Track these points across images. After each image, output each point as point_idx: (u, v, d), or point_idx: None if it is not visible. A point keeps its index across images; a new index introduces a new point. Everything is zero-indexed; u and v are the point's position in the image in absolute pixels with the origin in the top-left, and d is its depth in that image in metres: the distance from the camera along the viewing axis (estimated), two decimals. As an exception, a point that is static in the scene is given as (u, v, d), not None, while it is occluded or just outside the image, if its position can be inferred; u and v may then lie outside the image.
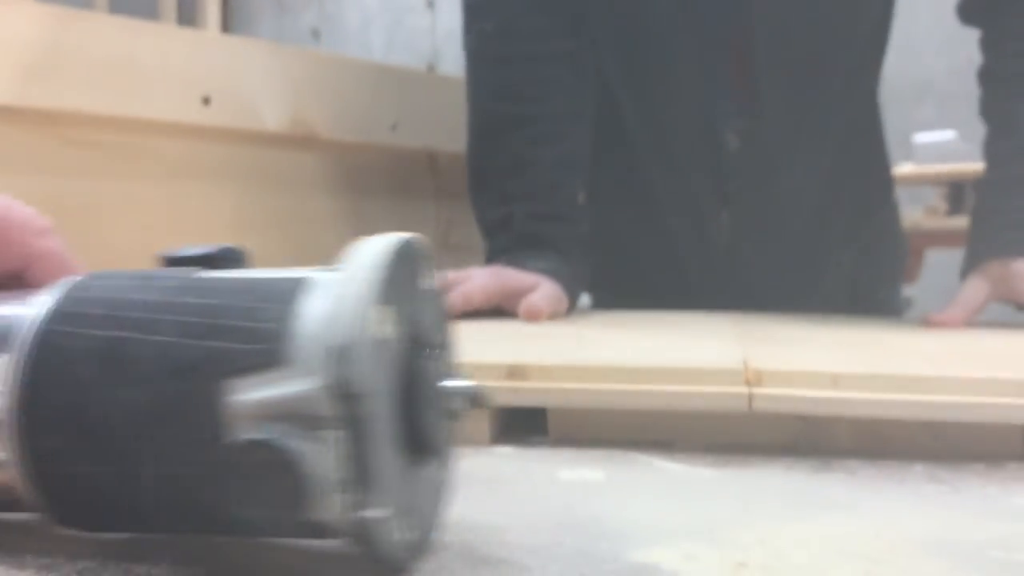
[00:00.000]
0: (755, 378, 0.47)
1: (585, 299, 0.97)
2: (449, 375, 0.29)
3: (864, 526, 0.34)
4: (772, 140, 0.92)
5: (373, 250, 0.27)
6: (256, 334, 0.26)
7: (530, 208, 0.88)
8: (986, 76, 0.84)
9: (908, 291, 1.98)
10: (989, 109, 0.83)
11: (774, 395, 0.46)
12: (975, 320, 0.78)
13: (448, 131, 1.03)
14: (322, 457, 0.24)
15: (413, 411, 0.27)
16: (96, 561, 0.29)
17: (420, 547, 0.29)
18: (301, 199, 0.96)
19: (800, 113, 0.91)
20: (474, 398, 0.29)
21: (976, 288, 0.78)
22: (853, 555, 0.31)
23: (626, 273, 1.01)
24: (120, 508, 0.28)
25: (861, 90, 0.98)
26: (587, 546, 0.31)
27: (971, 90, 0.86)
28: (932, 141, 2.17)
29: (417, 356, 0.28)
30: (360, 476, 0.25)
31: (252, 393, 0.25)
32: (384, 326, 0.26)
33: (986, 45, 0.85)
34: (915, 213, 2.18)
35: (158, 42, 0.82)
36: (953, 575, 0.29)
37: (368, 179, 1.03)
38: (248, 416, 0.25)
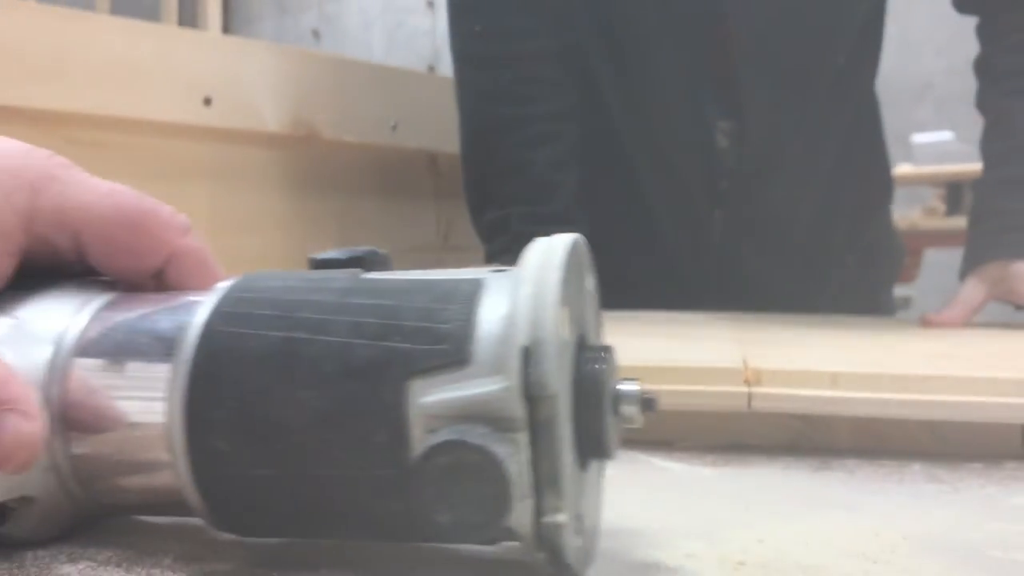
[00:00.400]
0: (754, 377, 0.47)
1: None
2: (617, 378, 0.29)
3: (863, 525, 0.34)
4: (760, 140, 0.91)
5: (549, 251, 0.27)
6: (437, 334, 0.25)
7: (527, 210, 0.88)
8: (983, 68, 0.84)
9: (907, 291, 1.98)
10: (986, 103, 0.83)
11: (773, 394, 0.46)
12: (974, 320, 0.78)
13: (448, 132, 1.03)
14: (515, 459, 0.24)
15: (586, 414, 0.26)
16: (96, 561, 0.29)
17: (588, 554, 0.28)
18: (301, 199, 0.96)
19: (787, 114, 0.91)
20: (645, 401, 0.28)
21: (974, 289, 0.78)
22: (852, 554, 0.31)
23: (620, 273, 1.01)
24: (288, 512, 0.27)
25: (857, 91, 0.97)
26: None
27: (970, 91, 0.86)
28: (930, 141, 2.18)
29: (590, 358, 0.27)
30: (548, 480, 0.24)
31: (438, 394, 0.25)
32: (564, 327, 0.26)
33: (983, 34, 0.84)
34: (913, 213, 2.19)
35: (159, 43, 0.82)
36: (952, 574, 0.29)
37: (369, 179, 1.03)
38: (435, 417, 0.25)
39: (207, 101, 0.84)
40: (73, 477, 0.29)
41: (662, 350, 0.59)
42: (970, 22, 0.87)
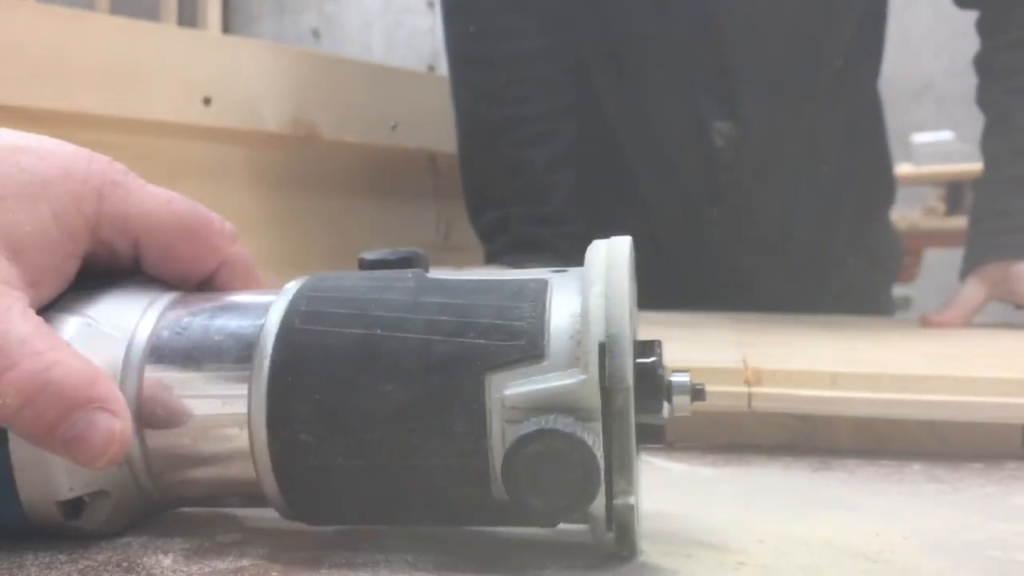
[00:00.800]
0: (754, 377, 0.47)
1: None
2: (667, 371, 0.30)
3: (863, 525, 0.34)
4: (758, 141, 0.91)
5: (613, 253, 0.29)
6: (512, 331, 0.27)
7: (525, 211, 0.88)
8: (984, 64, 0.84)
9: (907, 291, 1.98)
10: (986, 100, 0.83)
11: (773, 394, 0.46)
12: (974, 320, 0.78)
13: (448, 131, 1.03)
14: (597, 445, 0.25)
15: (645, 405, 0.28)
16: (96, 561, 0.29)
17: (640, 537, 0.30)
18: (301, 199, 0.96)
19: (785, 116, 0.91)
20: (696, 392, 0.30)
21: (975, 289, 0.78)
22: (852, 554, 0.31)
23: None
24: (368, 500, 0.28)
25: (856, 92, 0.97)
26: (587, 545, 0.31)
27: (969, 91, 0.86)
28: (930, 141, 2.18)
29: (646, 352, 0.29)
30: (619, 465, 0.26)
31: (516, 387, 0.26)
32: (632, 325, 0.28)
33: (984, 29, 0.84)
34: (913, 213, 2.19)
35: (159, 43, 0.82)
36: (952, 574, 0.29)
37: (368, 179, 1.03)
38: (514, 408, 0.26)
39: (207, 101, 0.84)
40: (145, 471, 0.30)
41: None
42: (970, 22, 0.87)
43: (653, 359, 0.29)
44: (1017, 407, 0.45)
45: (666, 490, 0.41)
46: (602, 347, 0.26)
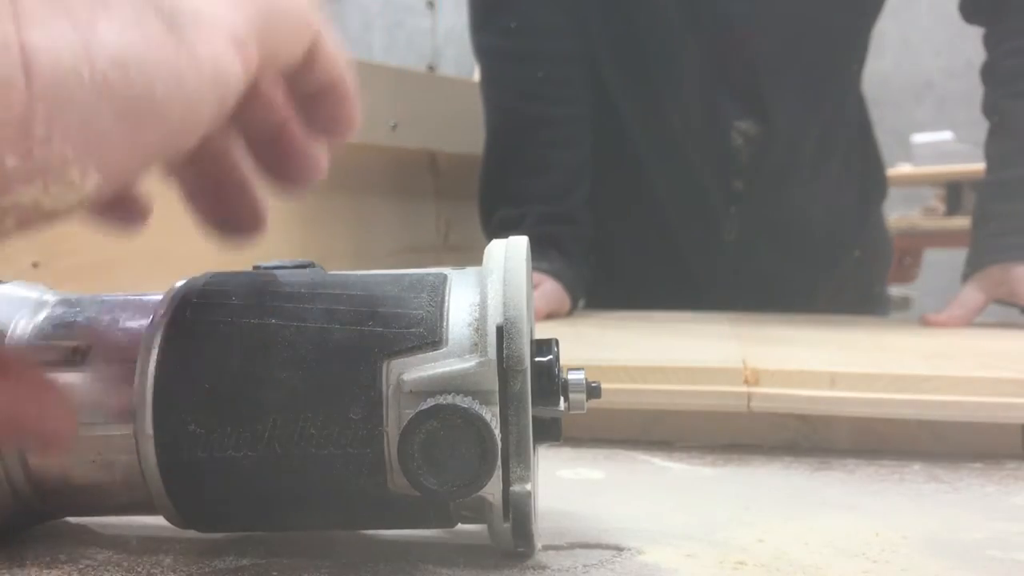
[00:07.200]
0: (754, 377, 0.47)
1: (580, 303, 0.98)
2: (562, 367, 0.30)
3: (863, 525, 0.35)
4: (783, 142, 0.92)
5: (511, 247, 0.29)
6: (411, 319, 0.27)
7: (543, 209, 0.89)
8: (988, 73, 0.85)
9: (907, 291, 1.98)
10: (989, 106, 0.84)
11: (773, 395, 0.46)
12: (973, 321, 0.78)
13: (448, 132, 1.03)
14: (494, 425, 0.25)
15: (541, 400, 0.28)
16: (97, 560, 0.29)
17: (537, 535, 0.29)
18: (301, 199, 0.96)
19: (808, 117, 0.92)
20: (591, 389, 0.30)
21: (975, 291, 0.78)
22: (852, 554, 0.31)
23: (627, 273, 1.01)
24: (258, 498, 0.27)
25: (856, 89, 0.99)
26: (587, 545, 0.31)
27: (969, 91, 0.87)
28: (930, 141, 2.18)
29: (542, 349, 0.29)
30: (516, 450, 0.26)
31: (415, 372, 0.26)
32: (531, 311, 0.28)
33: (988, 43, 0.86)
34: (913, 213, 2.19)
35: (159, 42, 0.82)
36: (952, 574, 0.29)
37: (368, 179, 1.03)
38: (414, 393, 0.26)
39: (207, 101, 0.84)
40: (22, 471, 0.28)
41: (663, 350, 0.59)
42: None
43: (550, 357, 0.29)
44: (1016, 407, 0.45)
45: (666, 490, 0.41)
46: (500, 329, 0.26)
